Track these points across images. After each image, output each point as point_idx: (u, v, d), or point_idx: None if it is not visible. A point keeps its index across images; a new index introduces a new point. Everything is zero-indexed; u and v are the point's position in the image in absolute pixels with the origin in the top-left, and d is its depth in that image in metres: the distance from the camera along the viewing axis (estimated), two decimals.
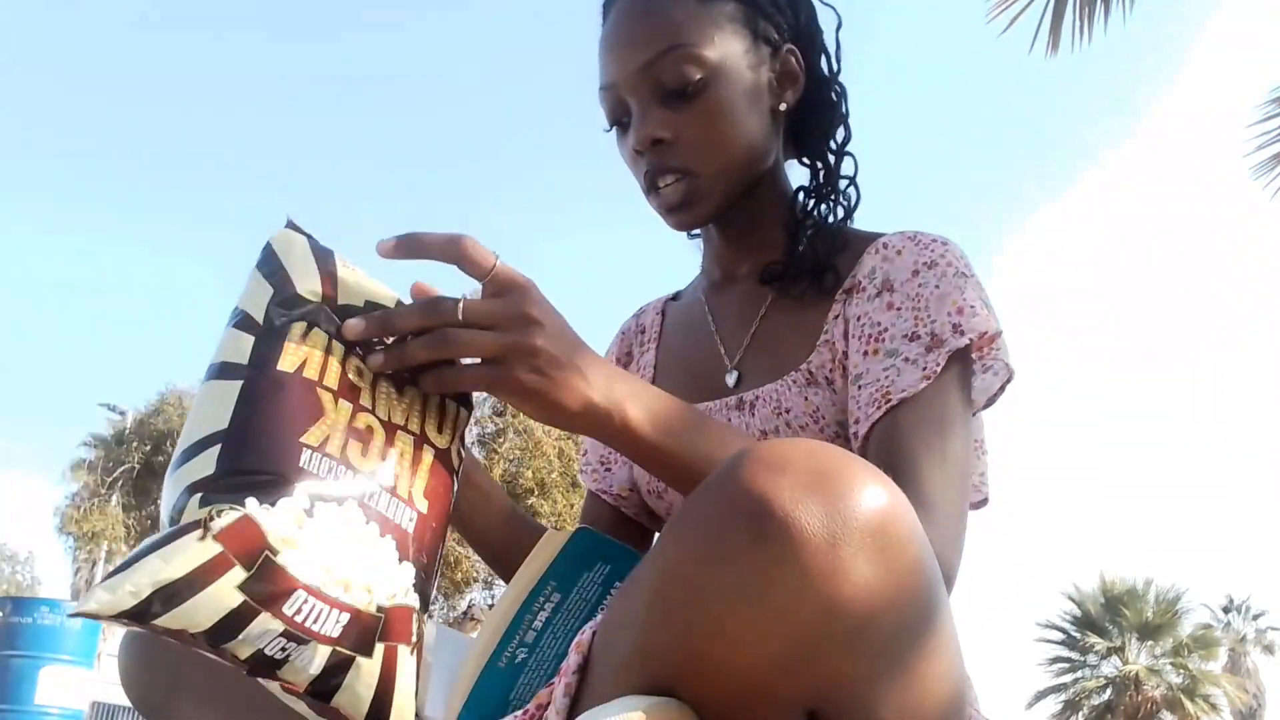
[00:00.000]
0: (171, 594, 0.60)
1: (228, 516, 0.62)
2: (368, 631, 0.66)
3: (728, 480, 0.59)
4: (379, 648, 0.66)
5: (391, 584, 0.68)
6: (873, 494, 0.59)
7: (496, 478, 11.43)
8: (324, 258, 0.73)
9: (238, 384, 0.68)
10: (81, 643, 5.94)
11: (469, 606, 12.79)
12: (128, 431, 13.99)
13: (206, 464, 0.66)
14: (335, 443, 0.68)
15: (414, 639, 0.69)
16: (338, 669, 0.65)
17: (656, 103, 0.97)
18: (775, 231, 1.04)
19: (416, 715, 0.82)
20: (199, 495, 0.64)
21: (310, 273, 0.72)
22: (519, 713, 0.73)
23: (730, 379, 1.02)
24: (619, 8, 1.00)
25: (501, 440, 11.85)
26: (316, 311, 0.71)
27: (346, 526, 0.66)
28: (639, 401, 0.79)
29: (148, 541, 0.64)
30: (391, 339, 0.74)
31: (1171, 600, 20.80)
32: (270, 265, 0.72)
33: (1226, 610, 24.88)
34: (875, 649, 0.59)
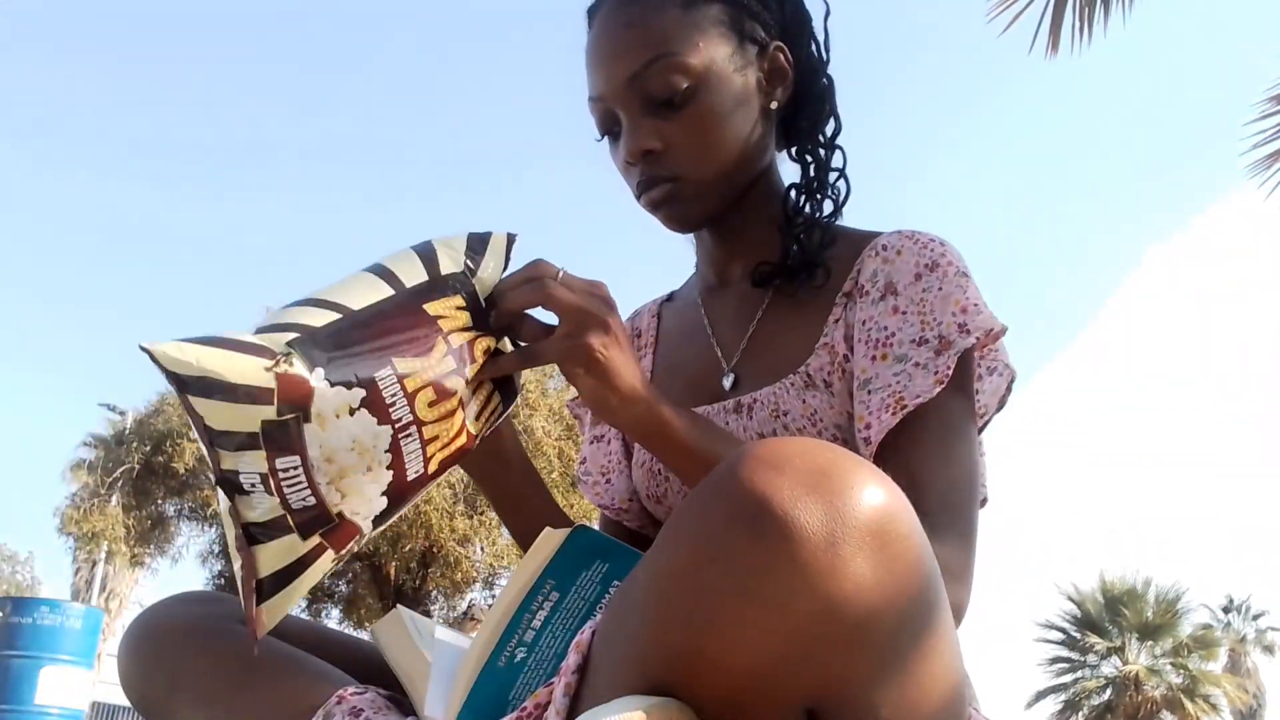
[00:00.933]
0: (216, 387, 0.68)
1: (298, 367, 0.70)
2: (317, 523, 0.73)
3: (726, 479, 0.59)
4: (315, 539, 0.73)
5: (364, 506, 0.75)
6: (872, 492, 0.58)
7: None
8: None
9: (389, 290, 0.78)
10: (81, 643, 5.94)
11: (469, 606, 12.78)
12: (127, 431, 13.95)
13: (318, 319, 0.74)
14: (415, 382, 0.75)
15: (343, 552, 0.77)
16: (275, 527, 0.72)
17: (645, 113, 0.96)
18: (769, 232, 1.03)
19: (416, 715, 0.82)
20: (294, 336, 0.72)
21: (492, 282, 0.83)
22: (517, 712, 0.73)
23: (727, 382, 1.02)
24: (602, 19, 0.99)
25: None
26: (478, 306, 0.82)
27: (370, 442, 0.73)
28: (669, 401, 0.87)
29: (233, 334, 0.71)
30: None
31: (1171, 600, 20.77)
32: (479, 247, 0.84)
33: (1226, 610, 24.85)
34: (875, 647, 0.59)
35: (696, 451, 0.87)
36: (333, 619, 12.93)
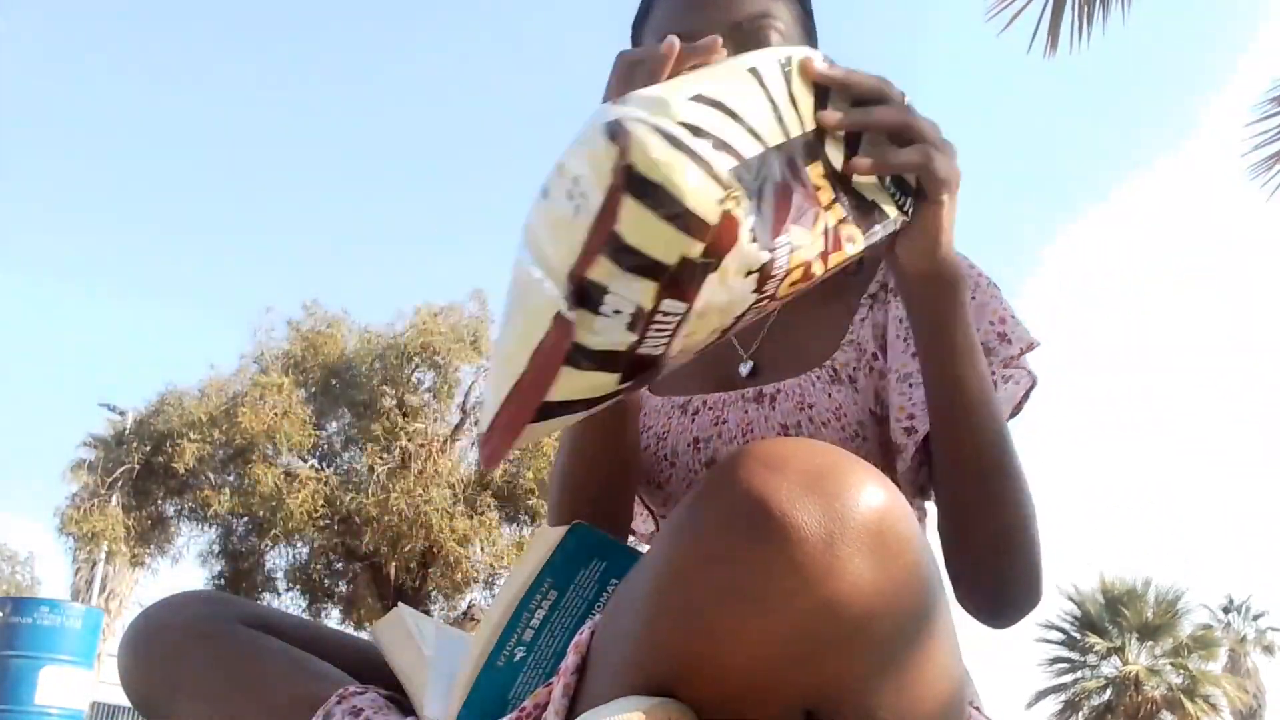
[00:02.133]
0: (666, 202, 0.58)
1: (737, 211, 0.60)
2: (645, 371, 0.65)
3: (725, 479, 0.59)
4: (625, 385, 0.65)
5: (681, 359, 0.68)
6: (870, 493, 0.59)
7: (496, 478, 11.41)
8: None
9: (775, 123, 0.66)
10: (81, 643, 5.95)
11: (469, 606, 12.79)
12: (127, 432, 13.95)
13: (739, 141, 0.62)
14: (798, 257, 0.65)
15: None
16: (603, 361, 0.62)
17: None
18: None
19: (416, 715, 0.82)
20: (732, 164, 0.61)
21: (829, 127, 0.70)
22: (517, 712, 0.73)
23: (744, 369, 1.02)
24: None
25: None
26: (814, 144, 0.69)
27: (737, 310, 0.65)
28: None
29: (682, 124, 0.60)
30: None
31: (1171, 600, 20.77)
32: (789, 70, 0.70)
33: (1226, 610, 24.84)
34: (873, 648, 0.59)
35: (970, 341, 0.83)
36: (333, 619, 12.95)
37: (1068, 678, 21.43)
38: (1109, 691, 20.67)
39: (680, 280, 0.60)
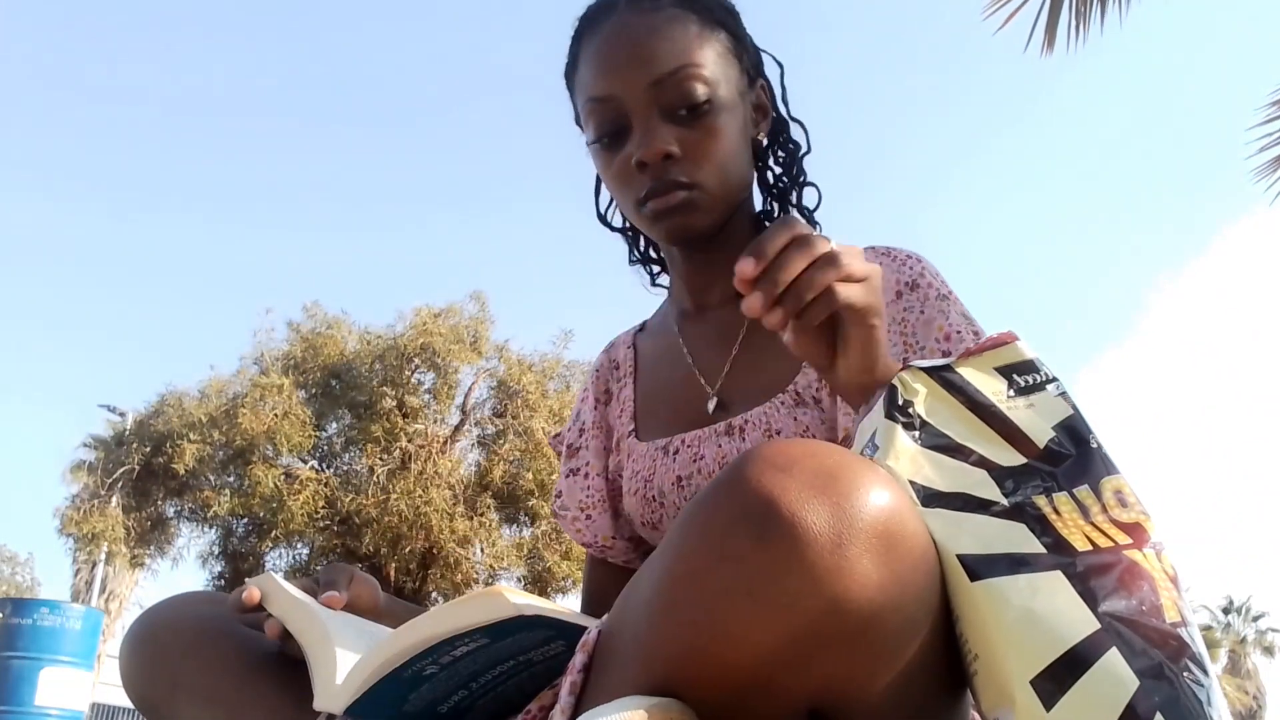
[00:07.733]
0: None
1: None
2: None
3: (734, 480, 0.59)
4: None
5: None
6: (878, 494, 0.59)
7: (496, 479, 11.40)
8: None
9: (1055, 574, 0.62)
10: (81, 644, 5.94)
11: None
12: (127, 433, 13.91)
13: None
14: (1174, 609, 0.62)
15: None
16: None
17: (663, 119, 0.97)
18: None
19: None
20: None
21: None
22: (521, 714, 0.73)
23: (711, 405, 1.03)
24: (618, 24, 1.00)
25: (502, 442, 11.83)
26: (1032, 471, 0.68)
27: None
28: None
29: None
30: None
31: None
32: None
33: (1226, 612, 24.88)
34: (880, 648, 0.59)
35: None
36: None
37: None
38: None
39: None
